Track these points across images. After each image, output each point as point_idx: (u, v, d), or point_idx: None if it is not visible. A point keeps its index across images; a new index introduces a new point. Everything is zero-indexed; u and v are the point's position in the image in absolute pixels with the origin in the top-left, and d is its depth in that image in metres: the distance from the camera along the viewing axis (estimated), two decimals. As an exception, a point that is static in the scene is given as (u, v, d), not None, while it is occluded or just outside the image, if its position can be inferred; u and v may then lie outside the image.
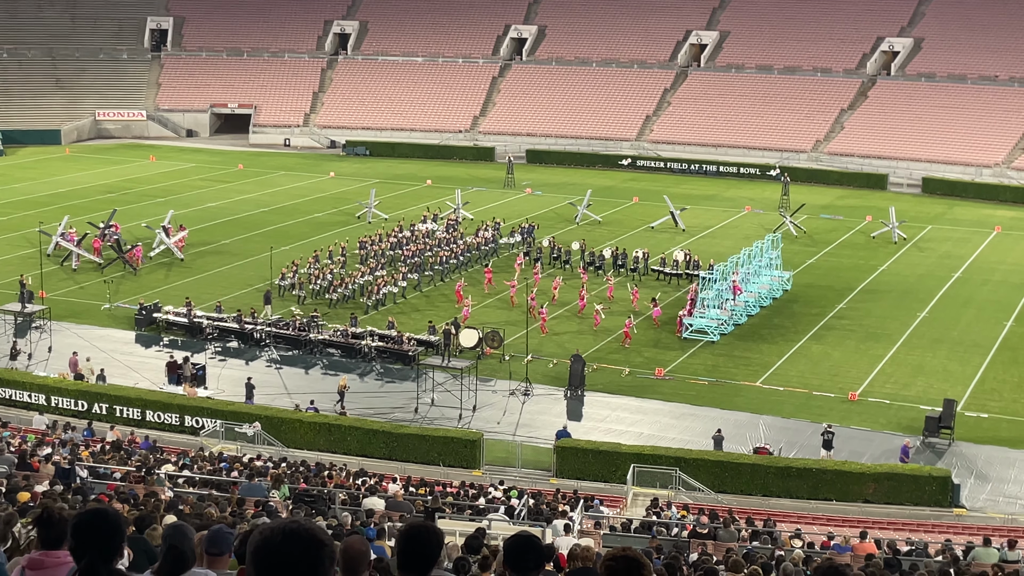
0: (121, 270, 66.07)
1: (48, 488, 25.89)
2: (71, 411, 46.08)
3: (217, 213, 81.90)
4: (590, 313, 58.05)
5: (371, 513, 28.79)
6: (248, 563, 4.28)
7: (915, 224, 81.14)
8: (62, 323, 56.68)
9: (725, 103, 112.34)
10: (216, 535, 8.89)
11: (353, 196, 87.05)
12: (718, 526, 31.17)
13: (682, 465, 40.70)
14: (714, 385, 50.71)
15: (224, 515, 22.29)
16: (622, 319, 56.39)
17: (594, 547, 21.22)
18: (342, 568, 7.60)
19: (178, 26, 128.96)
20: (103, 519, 6.24)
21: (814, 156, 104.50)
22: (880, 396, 49.65)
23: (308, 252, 67.03)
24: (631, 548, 6.77)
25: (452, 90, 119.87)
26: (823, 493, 40.77)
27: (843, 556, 26.61)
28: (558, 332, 56.68)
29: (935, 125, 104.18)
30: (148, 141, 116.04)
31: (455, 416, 47.39)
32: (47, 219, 72.49)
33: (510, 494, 36.76)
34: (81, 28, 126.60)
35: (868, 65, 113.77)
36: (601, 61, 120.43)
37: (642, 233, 77.24)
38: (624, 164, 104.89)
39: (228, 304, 58.45)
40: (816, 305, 62.18)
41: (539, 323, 56.12)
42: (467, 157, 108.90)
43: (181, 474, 34.24)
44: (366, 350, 53.16)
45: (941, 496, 40.24)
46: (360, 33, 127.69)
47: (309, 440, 44.28)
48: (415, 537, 6.80)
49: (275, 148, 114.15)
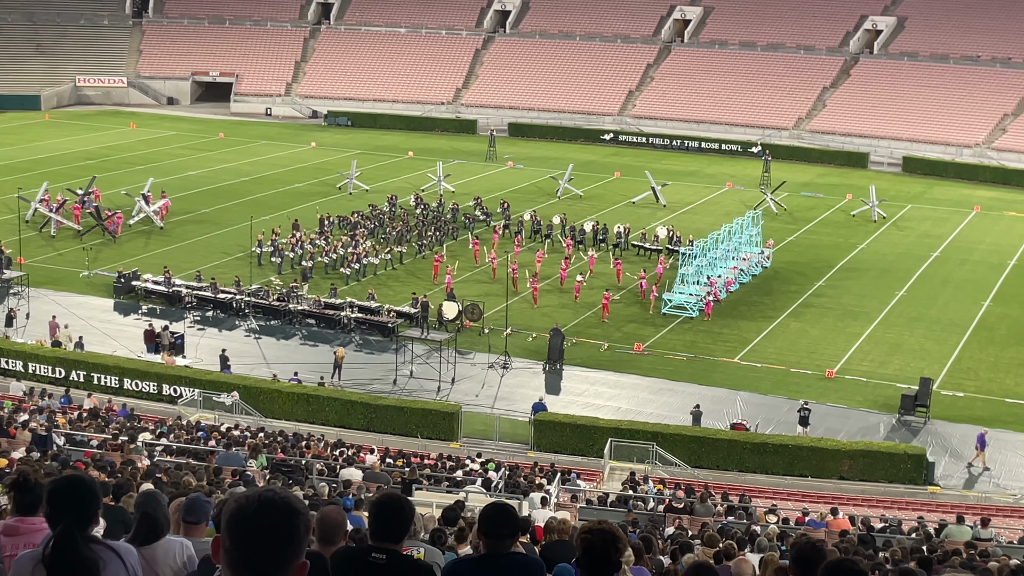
0: (100, 237, 65.78)
1: (24, 455, 25.83)
2: (48, 378, 45.93)
3: (197, 182, 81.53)
4: (571, 287, 58.12)
5: (348, 484, 28.83)
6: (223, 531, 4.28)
7: (895, 203, 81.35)
8: (40, 289, 56.41)
9: (708, 79, 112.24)
10: (193, 503, 8.92)
11: (334, 167, 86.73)
12: (694, 501, 31.33)
13: (659, 440, 40.87)
14: (692, 361, 50.85)
15: (201, 484, 22.29)
16: (601, 293, 56.45)
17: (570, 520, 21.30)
18: (318, 537, 7.63)
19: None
20: (79, 485, 6.24)
21: (796, 133, 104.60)
22: (857, 374, 49.88)
23: (288, 222, 66.73)
24: (607, 521, 6.81)
25: (435, 62, 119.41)
26: (799, 469, 40.99)
27: (817, 532, 26.77)
28: (539, 305, 56.69)
29: (917, 104, 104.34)
30: (129, 108, 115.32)
31: (434, 388, 47.44)
32: (26, 185, 72.04)
33: (487, 466, 36.87)
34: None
35: (851, 43, 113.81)
36: (585, 35, 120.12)
37: (623, 208, 77.24)
38: (606, 139, 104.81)
39: (207, 273, 58.26)
40: (795, 283, 62.36)
41: (531, 293, 56.48)
42: (449, 129, 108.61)
43: (159, 443, 34.20)
44: (345, 321, 53.11)
45: (916, 474, 40.53)
46: (343, 3, 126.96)
47: (287, 410, 44.27)
48: (386, 507, 6.95)
49: (256, 117, 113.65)
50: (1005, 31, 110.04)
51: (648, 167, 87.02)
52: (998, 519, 33.57)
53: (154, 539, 7.68)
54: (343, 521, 8.04)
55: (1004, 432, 44.69)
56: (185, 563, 7.67)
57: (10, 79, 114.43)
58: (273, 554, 4.23)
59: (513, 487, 32.91)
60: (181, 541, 7.91)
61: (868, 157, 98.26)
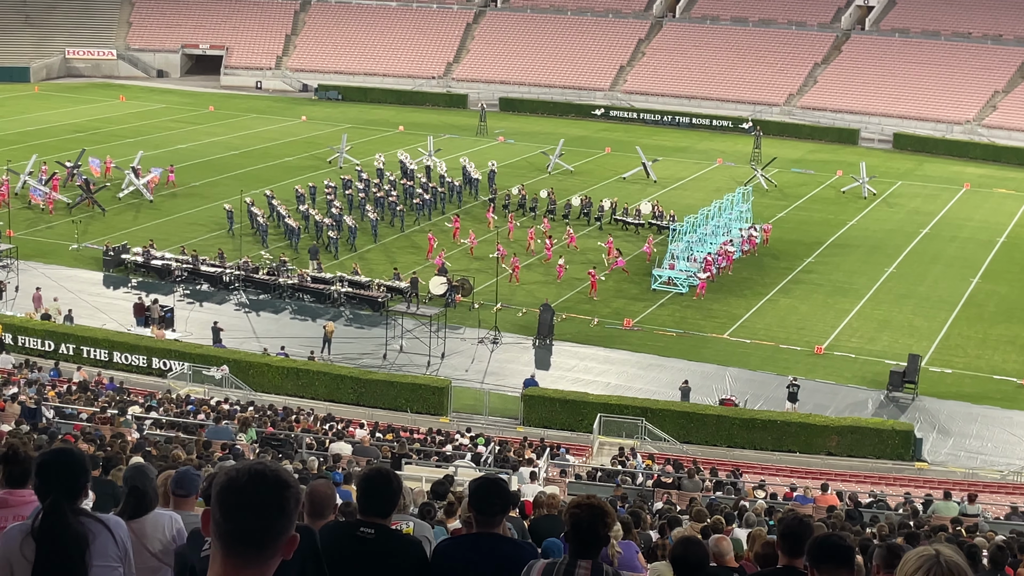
0: (89, 210, 65.60)
1: (14, 427, 25.82)
2: (38, 351, 45.87)
3: (187, 155, 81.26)
4: (555, 264, 58.02)
5: (338, 458, 28.88)
6: (212, 503, 4.29)
7: (885, 180, 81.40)
8: (29, 262, 56.28)
9: (699, 55, 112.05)
10: (182, 476, 8.94)
11: (325, 141, 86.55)
12: (682, 476, 31.43)
13: (648, 415, 40.96)
14: (682, 337, 50.91)
15: (191, 457, 22.32)
16: (586, 270, 56.36)
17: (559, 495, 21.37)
18: (307, 511, 7.65)
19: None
20: (68, 458, 6.24)
21: (787, 110, 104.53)
22: (846, 350, 50.00)
23: (280, 196, 66.46)
24: (595, 496, 6.84)
25: (425, 36, 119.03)
26: (787, 445, 41.11)
27: (805, 507, 26.88)
28: (527, 282, 56.69)
29: (907, 81, 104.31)
30: (118, 81, 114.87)
31: (423, 363, 47.46)
32: (15, 158, 71.80)
33: (477, 441, 36.95)
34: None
35: (843, 19, 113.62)
36: (576, 9, 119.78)
37: (614, 184, 77.19)
38: (597, 114, 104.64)
39: (199, 248, 58.16)
40: (785, 259, 62.42)
41: (512, 272, 56.17)
42: (440, 104, 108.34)
43: (148, 416, 34.20)
44: (335, 295, 53.07)
45: (903, 450, 40.68)
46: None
47: (277, 384, 44.27)
48: (373, 481, 7.02)
49: (247, 91, 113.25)
50: (996, 7, 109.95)
51: (639, 143, 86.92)
52: (985, 495, 33.72)
53: (143, 512, 7.70)
54: (333, 495, 8.06)
55: (991, 409, 44.89)
56: (174, 536, 7.69)
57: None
58: (263, 526, 4.24)
59: (502, 462, 32.98)
60: (170, 514, 7.93)
61: (859, 134, 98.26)
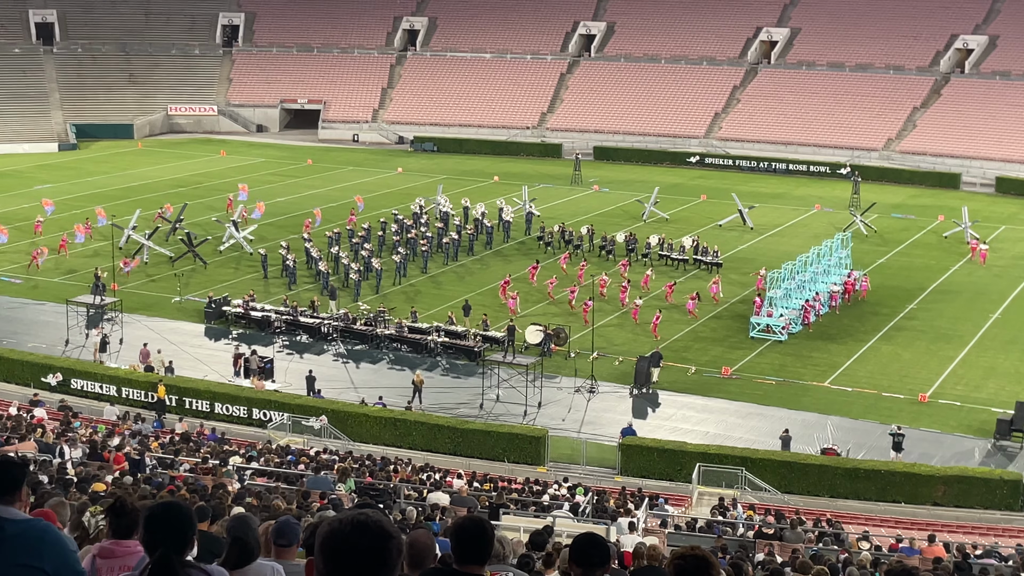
0: (192, 263, 66.78)
1: (118, 477, 26.21)
2: (141, 403, 46.63)
3: (287, 208, 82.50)
4: (631, 307, 57.96)
5: (436, 508, 28.86)
6: (316, 553, 4.29)
7: (988, 224, 79.96)
8: (133, 315, 57.37)
9: (795, 100, 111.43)
10: (284, 526, 8.96)
11: (420, 192, 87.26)
12: (784, 527, 30.92)
13: (748, 465, 40.43)
14: (781, 385, 50.31)
15: (290, 507, 22.45)
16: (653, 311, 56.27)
17: (660, 546, 21.13)
18: (408, 561, 7.62)
19: (249, 22, 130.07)
20: (176, 512, 6.30)
21: (885, 154, 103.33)
22: (951, 398, 49.02)
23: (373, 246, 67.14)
24: (700, 547, 6.72)
25: (520, 86, 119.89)
26: (891, 495, 40.31)
27: (911, 559, 26.29)
28: (604, 326, 56.43)
29: (1010, 124, 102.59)
30: (219, 136, 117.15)
31: (520, 412, 47.41)
32: (119, 213, 73.36)
33: (575, 491, 36.73)
34: (154, 23, 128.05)
35: (942, 63, 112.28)
36: (670, 58, 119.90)
37: (710, 231, 76.78)
38: (692, 161, 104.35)
39: (293, 298, 58.92)
40: (886, 305, 61.48)
41: (581, 313, 56.60)
42: (534, 154, 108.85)
43: (249, 466, 34.53)
44: (432, 345, 53.32)
45: (1012, 499, 39.69)
46: (429, 29, 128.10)
47: (375, 434, 44.49)
48: (467, 530, 6.98)
49: (344, 143, 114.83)
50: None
51: (735, 189, 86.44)
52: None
53: (246, 562, 7.73)
54: (432, 545, 8.02)
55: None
56: (276, 586, 7.70)
57: (104, 109, 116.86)
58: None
59: (600, 512, 32.74)
60: (272, 564, 7.95)
61: (960, 178, 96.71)
